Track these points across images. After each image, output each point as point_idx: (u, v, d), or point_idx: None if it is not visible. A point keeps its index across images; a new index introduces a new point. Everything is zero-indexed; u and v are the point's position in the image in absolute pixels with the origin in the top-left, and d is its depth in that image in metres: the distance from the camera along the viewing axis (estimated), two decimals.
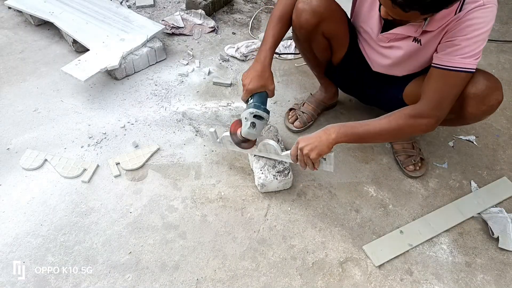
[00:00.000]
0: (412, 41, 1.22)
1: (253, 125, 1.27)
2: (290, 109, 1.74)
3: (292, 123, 1.69)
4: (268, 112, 1.30)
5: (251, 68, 1.31)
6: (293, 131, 1.69)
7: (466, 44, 1.08)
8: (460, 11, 1.07)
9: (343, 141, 1.21)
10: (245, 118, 1.28)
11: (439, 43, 1.16)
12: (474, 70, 1.11)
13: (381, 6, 1.07)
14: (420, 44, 1.21)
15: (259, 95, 1.30)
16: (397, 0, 0.94)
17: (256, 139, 1.38)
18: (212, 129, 1.42)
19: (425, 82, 1.19)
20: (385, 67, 1.39)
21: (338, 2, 1.34)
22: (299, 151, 1.24)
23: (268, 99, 1.34)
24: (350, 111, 1.80)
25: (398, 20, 1.08)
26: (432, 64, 1.17)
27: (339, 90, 1.73)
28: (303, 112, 1.69)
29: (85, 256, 1.25)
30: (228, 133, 1.39)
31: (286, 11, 1.32)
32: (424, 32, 1.17)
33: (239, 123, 1.34)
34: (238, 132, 1.33)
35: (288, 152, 1.34)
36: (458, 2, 1.04)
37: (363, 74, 1.47)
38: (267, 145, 1.37)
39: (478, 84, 1.17)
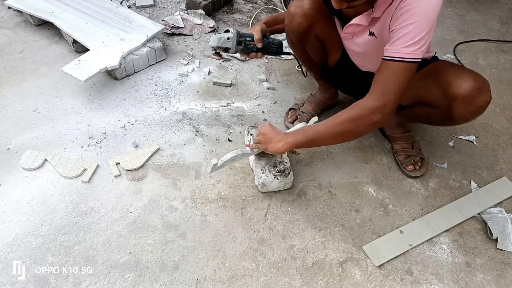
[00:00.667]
0: (368, 35, 1.25)
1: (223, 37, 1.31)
2: (290, 109, 1.74)
3: (292, 123, 1.69)
4: (238, 33, 1.32)
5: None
6: None
7: (405, 31, 1.06)
8: None
9: (296, 148, 1.29)
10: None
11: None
12: (416, 60, 1.08)
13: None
14: (375, 36, 1.24)
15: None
16: None
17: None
18: (214, 161, 1.32)
19: (374, 78, 1.17)
20: (363, 66, 1.42)
21: None
22: (259, 135, 1.32)
23: (269, 99, 1.35)
24: None
25: (349, 13, 1.15)
26: (382, 57, 1.16)
27: (338, 91, 1.73)
28: (303, 112, 1.70)
29: (85, 256, 1.25)
30: (234, 156, 1.37)
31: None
32: (374, 20, 1.19)
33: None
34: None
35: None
36: None
37: (356, 75, 1.49)
38: (236, 157, 1.37)
39: (466, 85, 1.17)
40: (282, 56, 2.03)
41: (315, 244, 1.33)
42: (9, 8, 2.14)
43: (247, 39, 1.33)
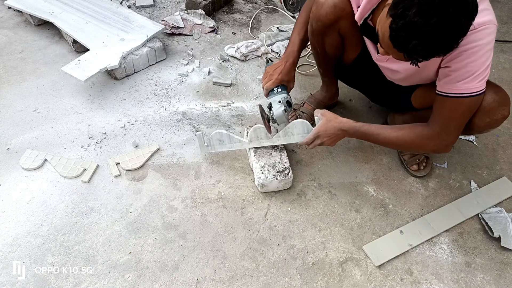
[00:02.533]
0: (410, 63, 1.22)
1: (285, 109, 1.34)
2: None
3: None
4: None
5: (279, 64, 1.39)
6: None
7: (465, 70, 1.05)
8: None
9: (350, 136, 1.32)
10: (279, 101, 1.35)
11: (439, 67, 1.14)
12: (479, 93, 1.08)
13: (379, 45, 1.06)
14: (418, 66, 1.19)
15: (284, 86, 1.38)
16: (405, 48, 0.93)
17: (270, 127, 1.42)
18: (199, 132, 1.41)
19: (434, 104, 1.18)
20: (391, 78, 1.40)
21: None
22: (316, 139, 1.32)
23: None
24: (350, 111, 1.80)
25: None
26: (436, 91, 1.16)
27: (339, 91, 1.73)
28: (303, 112, 1.70)
29: (85, 256, 1.25)
30: (216, 132, 1.39)
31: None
32: None
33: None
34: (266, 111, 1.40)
35: (278, 134, 1.40)
36: None
37: (374, 78, 1.47)
38: (257, 130, 1.39)
39: (487, 97, 1.15)
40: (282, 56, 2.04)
41: (315, 244, 1.33)
42: (9, 8, 2.14)
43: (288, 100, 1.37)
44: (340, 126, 1.28)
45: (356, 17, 1.22)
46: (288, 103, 1.36)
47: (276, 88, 1.38)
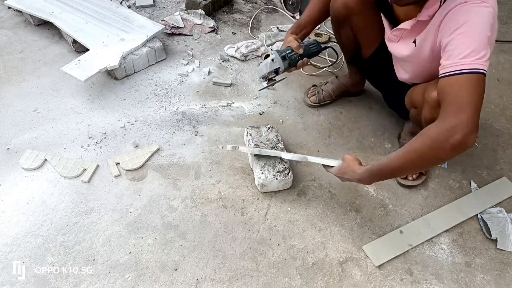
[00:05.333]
0: (412, 42, 1.23)
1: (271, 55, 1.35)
2: (313, 85, 1.82)
3: (309, 98, 1.78)
4: (280, 53, 1.35)
5: None
6: (308, 105, 1.79)
7: (460, 42, 1.00)
8: (444, 1, 1.06)
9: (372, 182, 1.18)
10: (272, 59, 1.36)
11: (436, 50, 1.12)
12: (480, 71, 0.98)
13: None
14: (415, 45, 1.22)
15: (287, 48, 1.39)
16: None
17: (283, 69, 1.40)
18: (229, 148, 1.44)
19: (440, 96, 1.06)
20: (400, 75, 1.41)
21: None
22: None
23: (269, 99, 1.35)
24: (350, 111, 1.79)
25: (400, 14, 1.15)
26: (439, 77, 1.06)
27: (365, 81, 1.77)
28: (322, 90, 1.77)
29: (85, 256, 1.25)
30: (253, 149, 1.43)
31: None
32: (420, 25, 1.17)
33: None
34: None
35: (315, 158, 1.35)
36: None
37: (387, 77, 1.49)
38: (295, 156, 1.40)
39: (431, 92, 1.17)
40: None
41: (315, 244, 1.33)
42: (9, 8, 2.14)
43: (288, 52, 1.36)
44: (354, 176, 1.18)
45: None
46: (279, 52, 1.35)
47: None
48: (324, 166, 1.31)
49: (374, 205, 1.46)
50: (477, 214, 1.43)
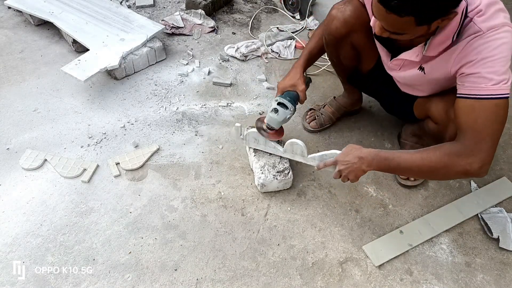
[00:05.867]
0: (418, 69, 1.20)
1: (275, 110, 1.32)
2: (310, 109, 1.74)
3: (309, 123, 1.69)
4: (293, 104, 1.34)
5: (287, 74, 1.40)
6: (309, 131, 1.69)
7: (482, 70, 0.98)
8: (457, 37, 1.02)
9: (375, 170, 1.18)
10: (271, 105, 1.34)
11: (454, 76, 1.09)
12: (505, 96, 0.97)
13: (375, 22, 1.03)
14: (424, 73, 1.18)
15: (288, 92, 1.37)
16: (391, 3, 0.89)
17: (282, 133, 1.41)
18: (238, 124, 1.43)
19: (457, 115, 1.06)
20: (404, 89, 1.39)
21: None
22: (337, 171, 1.23)
23: (269, 99, 1.35)
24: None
25: (398, 42, 1.10)
26: (457, 95, 1.05)
27: (362, 98, 1.71)
28: (321, 114, 1.68)
29: (85, 256, 1.25)
30: (254, 129, 1.41)
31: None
32: (426, 58, 1.14)
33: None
34: (264, 120, 1.39)
35: (314, 155, 1.34)
36: (455, 28, 1.00)
37: (389, 89, 1.46)
38: (294, 145, 1.37)
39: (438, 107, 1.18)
40: (282, 56, 2.03)
41: (315, 244, 1.33)
42: (9, 8, 2.14)
43: (294, 96, 1.36)
44: (358, 153, 1.17)
45: (371, 23, 1.17)
46: (282, 104, 1.33)
47: (279, 97, 1.36)
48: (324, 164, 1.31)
49: (374, 205, 1.46)
50: (477, 214, 1.43)
